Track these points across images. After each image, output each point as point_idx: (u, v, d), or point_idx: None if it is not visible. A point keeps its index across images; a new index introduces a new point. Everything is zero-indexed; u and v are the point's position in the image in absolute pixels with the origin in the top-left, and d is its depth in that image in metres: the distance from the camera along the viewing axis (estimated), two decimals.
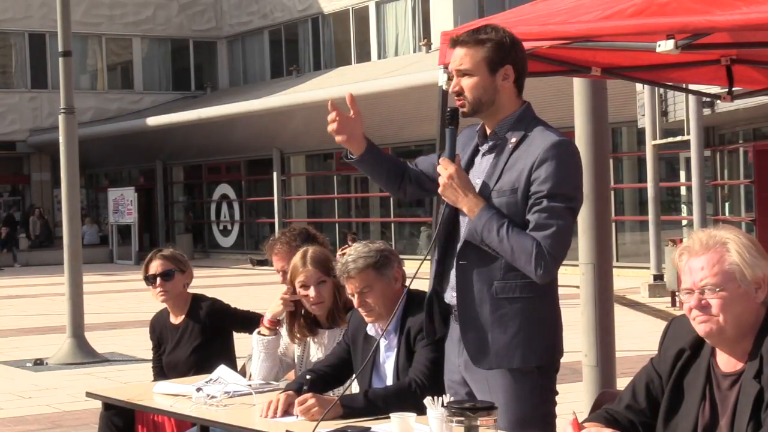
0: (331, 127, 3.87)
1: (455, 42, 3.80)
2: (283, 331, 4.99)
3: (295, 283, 4.80)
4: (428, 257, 3.98)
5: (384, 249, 4.34)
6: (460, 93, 3.79)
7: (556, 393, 3.91)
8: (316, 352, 4.90)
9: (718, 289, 2.98)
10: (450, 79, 3.87)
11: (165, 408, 4.51)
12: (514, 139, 3.76)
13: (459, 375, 3.91)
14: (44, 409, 9.66)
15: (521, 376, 3.77)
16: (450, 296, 3.89)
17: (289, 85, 32.56)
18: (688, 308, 3.03)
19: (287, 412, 4.07)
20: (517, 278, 3.73)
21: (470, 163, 3.89)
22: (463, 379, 3.89)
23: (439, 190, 3.78)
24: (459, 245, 3.82)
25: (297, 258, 4.84)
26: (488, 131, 3.86)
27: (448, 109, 3.79)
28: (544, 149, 3.69)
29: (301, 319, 4.89)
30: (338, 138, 3.89)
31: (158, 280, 5.60)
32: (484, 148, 3.87)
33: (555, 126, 3.87)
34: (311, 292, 4.75)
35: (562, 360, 3.94)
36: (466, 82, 3.77)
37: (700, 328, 3.02)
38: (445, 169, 3.75)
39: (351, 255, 4.33)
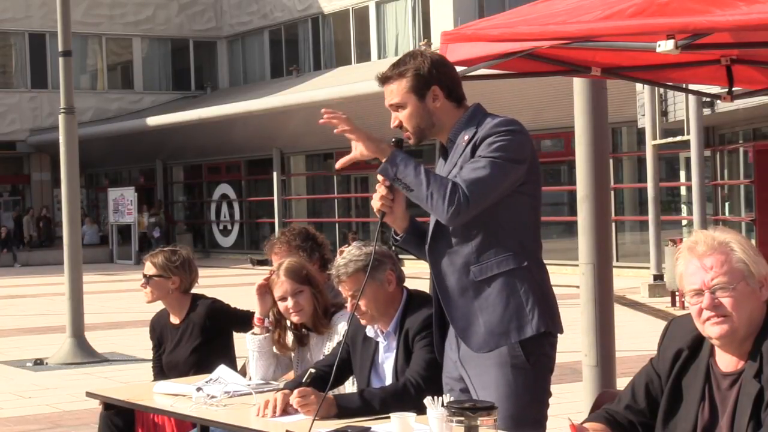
0: (378, 204, 3.86)
1: (381, 80, 3.94)
2: None
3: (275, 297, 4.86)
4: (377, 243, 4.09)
5: (376, 252, 4.33)
6: (401, 126, 3.91)
7: (550, 394, 3.92)
8: (310, 354, 4.92)
9: (731, 287, 2.98)
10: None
11: (165, 408, 4.51)
12: (467, 137, 3.85)
13: (456, 371, 3.93)
14: (44, 409, 9.66)
15: (515, 373, 3.78)
16: None
17: (289, 85, 32.55)
18: (698, 309, 3.02)
19: (284, 411, 4.07)
20: (491, 256, 3.78)
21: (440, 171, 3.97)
22: (460, 375, 3.91)
23: (345, 132, 3.79)
24: (427, 242, 3.88)
25: (274, 275, 4.87)
26: (445, 143, 3.96)
27: (393, 139, 3.87)
28: (488, 128, 3.80)
29: (286, 331, 4.92)
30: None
31: (143, 281, 5.65)
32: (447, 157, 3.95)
33: (555, 126, 3.92)
34: (288, 302, 4.78)
35: (563, 360, 3.95)
36: (402, 115, 3.89)
37: (714, 330, 3.00)
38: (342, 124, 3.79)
39: (343, 259, 4.36)
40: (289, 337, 4.99)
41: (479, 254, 3.79)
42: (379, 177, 3.81)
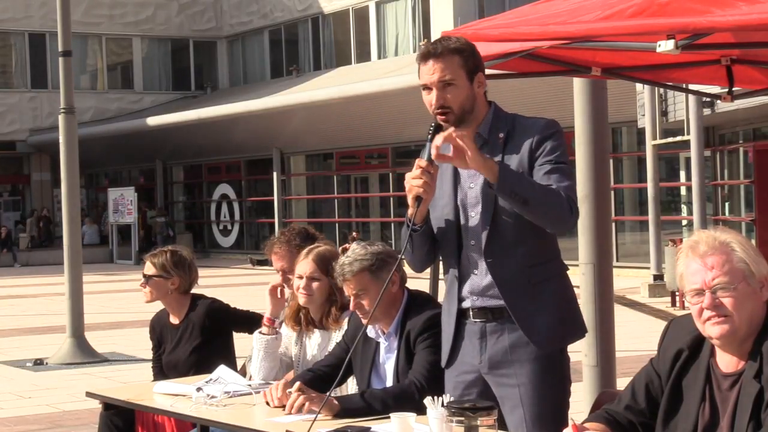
0: (420, 190, 3.66)
1: (429, 55, 3.74)
2: (283, 329, 5.02)
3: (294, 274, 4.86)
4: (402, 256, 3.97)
5: (381, 252, 4.33)
6: (444, 105, 3.74)
7: (571, 382, 3.96)
8: (311, 351, 4.92)
9: (732, 287, 2.98)
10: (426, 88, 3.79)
11: (165, 408, 4.51)
12: (501, 135, 3.83)
13: (474, 375, 3.90)
14: (44, 409, 9.67)
15: (551, 365, 3.81)
16: (472, 301, 3.88)
17: (289, 85, 32.56)
18: (699, 309, 3.02)
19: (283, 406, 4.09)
20: (543, 261, 3.83)
21: (456, 172, 3.89)
22: (477, 379, 3.90)
23: (464, 162, 3.59)
24: (483, 244, 3.80)
25: (304, 250, 4.87)
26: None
27: (432, 125, 3.72)
28: (538, 130, 3.79)
29: (297, 312, 4.93)
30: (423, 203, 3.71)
31: (142, 280, 5.65)
32: None
33: None
34: (302, 282, 4.79)
35: None
36: (450, 93, 3.74)
37: (714, 329, 3.00)
38: (457, 142, 3.57)
39: (348, 257, 4.34)
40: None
41: (532, 257, 3.80)
42: (422, 162, 3.64)
